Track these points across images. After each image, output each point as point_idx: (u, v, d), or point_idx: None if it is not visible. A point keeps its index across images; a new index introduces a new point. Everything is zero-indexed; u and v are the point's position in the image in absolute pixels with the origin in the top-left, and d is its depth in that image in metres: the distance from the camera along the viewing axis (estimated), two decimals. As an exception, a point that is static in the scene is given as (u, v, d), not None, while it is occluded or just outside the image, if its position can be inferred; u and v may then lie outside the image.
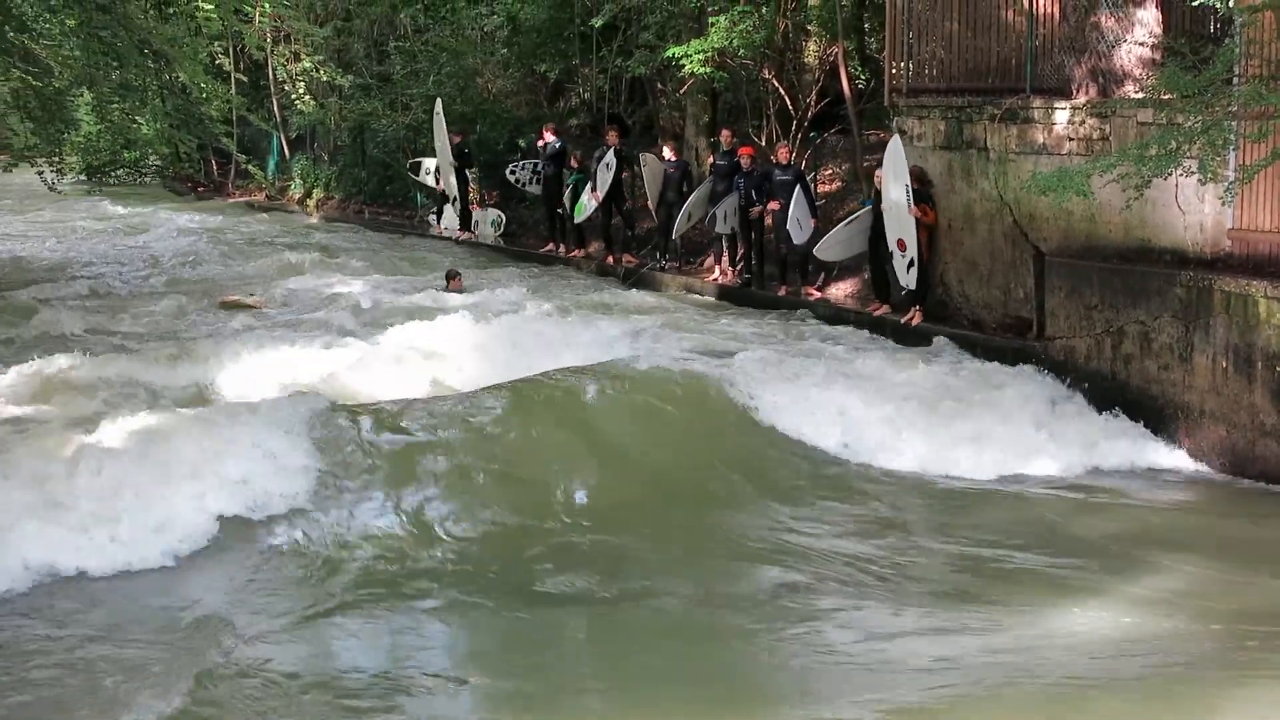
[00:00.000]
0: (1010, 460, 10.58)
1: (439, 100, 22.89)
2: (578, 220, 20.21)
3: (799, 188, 16.02)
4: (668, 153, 18.75)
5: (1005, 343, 12.85)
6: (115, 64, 16.51)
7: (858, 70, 20.07)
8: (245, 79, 28.35)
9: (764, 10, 18.67)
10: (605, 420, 10.30)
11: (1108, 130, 12.11)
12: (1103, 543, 8.86)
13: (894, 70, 15.10)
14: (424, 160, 24.43)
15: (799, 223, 15.87)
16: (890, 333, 14.17)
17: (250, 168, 24.60)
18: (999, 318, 13.39)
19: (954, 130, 13.91)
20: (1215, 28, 12.10)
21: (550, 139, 20.96)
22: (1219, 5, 10.30)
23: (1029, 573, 8.29)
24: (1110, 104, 12.07)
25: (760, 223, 16.84)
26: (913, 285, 14.01)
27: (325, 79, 27.35)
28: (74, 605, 7.55)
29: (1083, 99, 12.51)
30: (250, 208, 31.00)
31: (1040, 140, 12.81)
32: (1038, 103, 12.90)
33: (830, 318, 15.34)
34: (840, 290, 16.20)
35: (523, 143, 23.63)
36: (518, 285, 17.15)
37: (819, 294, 16.16)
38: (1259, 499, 9.97)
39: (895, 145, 13.95)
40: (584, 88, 24.32)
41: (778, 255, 16.75)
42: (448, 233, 23.62)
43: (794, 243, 15.99)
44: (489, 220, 23.20)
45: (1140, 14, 12.36)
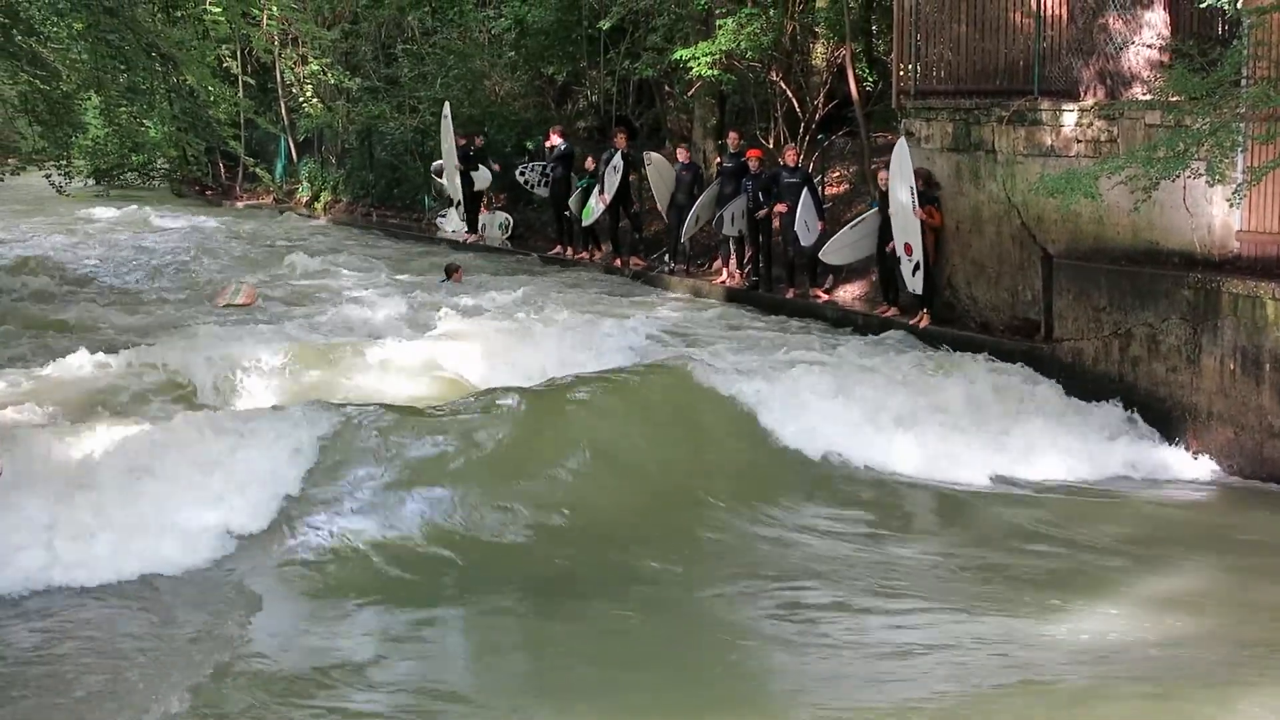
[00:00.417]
0: (1018, 462, 10.59)
1: (447, 104, 22.92)
2: (586, 224, 20.23)
3: (806, 190, 16.00)
4: (680, 155, 18.72)
5: (1013, 345, 12.83)
6: (123, 67, 16.54)
7: (865, 72, 20.04)
8: (253, 82, 28.30)
9: (771, 12, 18.67)
10: (606, 423, 10.28)
11: (1116, 132, 12.09)
12: (1110, 544, 8.85)
13: (901, 72, 15.09)
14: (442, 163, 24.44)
15: (806, 225, 15.85)
16: (899, 335, 14.12)
17: (258, 170, 24.56)
18: (1007, 320, 13.37)
19: (962, 132, 13.89)
20: (1223, 29, 12.11)
21: (557, 141, 20.98)
22: (1227, 7, 10.29)
23: (1034, 575, 8.27)
24: (1118, 106, 12.06)
25: (768, 225, 16.79)
26: (919, 291, 13.98)
27: (333, 82, 27.37)
28: (76, 612, 7.52)
29: (1090, 101, 12.49)
30: (258, 210, 31.03)
31: (1048, 142, 12.79)
32: (1045, 105, 12.89)
33: (838, 320, 15.32)
34: (848, 292, 16.18)
35: (530, 145, 23.65)
36: (524, 288, 17.13)
37: (827, 296, 16.14)
38: (1267, 500, 9.95)
39: (901, 148, 13.92)
40: (591, 90, 24.31)
41: (785, 258, 16.70)
42: (455, 235, 23.65)
43: (801, 245, 15.97)
44: (496, 223, 23.21)
45: (1148, 16, 12.36)
